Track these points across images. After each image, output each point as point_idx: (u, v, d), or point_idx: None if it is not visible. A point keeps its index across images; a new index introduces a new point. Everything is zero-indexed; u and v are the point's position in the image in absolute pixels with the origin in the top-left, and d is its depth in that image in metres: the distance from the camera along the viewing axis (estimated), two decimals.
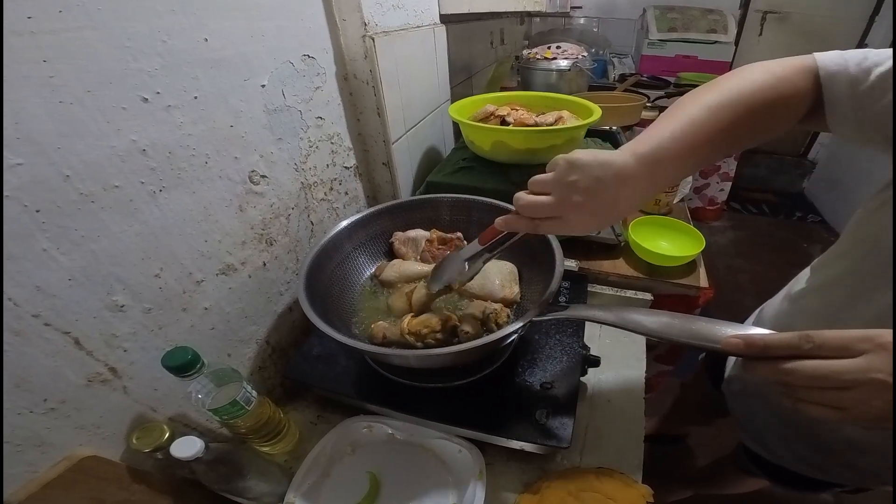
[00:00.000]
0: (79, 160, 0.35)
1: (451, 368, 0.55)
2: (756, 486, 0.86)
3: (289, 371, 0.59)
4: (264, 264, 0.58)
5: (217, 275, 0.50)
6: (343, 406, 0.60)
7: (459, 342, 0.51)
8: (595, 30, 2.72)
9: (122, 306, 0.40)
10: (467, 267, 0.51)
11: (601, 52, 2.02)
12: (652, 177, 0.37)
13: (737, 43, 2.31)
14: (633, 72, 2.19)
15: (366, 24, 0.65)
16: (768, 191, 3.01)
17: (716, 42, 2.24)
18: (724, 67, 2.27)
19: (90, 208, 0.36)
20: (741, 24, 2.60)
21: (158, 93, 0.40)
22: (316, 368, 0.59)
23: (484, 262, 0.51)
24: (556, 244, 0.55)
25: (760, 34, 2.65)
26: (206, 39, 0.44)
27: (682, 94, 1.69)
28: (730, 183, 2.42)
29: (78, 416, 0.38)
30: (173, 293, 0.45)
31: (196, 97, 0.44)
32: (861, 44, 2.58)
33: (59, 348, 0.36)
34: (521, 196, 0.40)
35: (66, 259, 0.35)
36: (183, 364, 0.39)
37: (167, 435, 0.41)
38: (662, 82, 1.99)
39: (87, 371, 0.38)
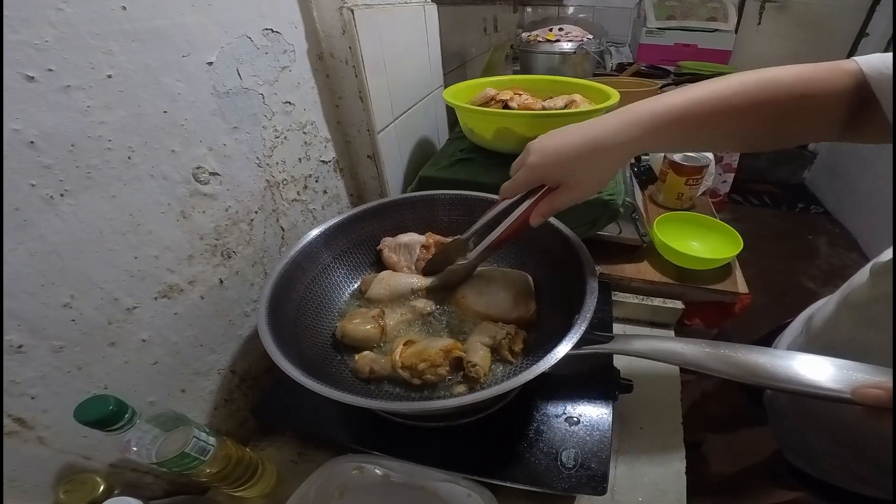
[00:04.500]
0: None
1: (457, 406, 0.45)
2: (788, 497, 0.81)
3: (258, 408, 0.50)
4: (221, 282, 0.47)
5: (156, 298, 0.41)
6: (328, 442, 0.51)
7: (466, 378, 0.41)
8: (590, 19, 2.64)
9: (19, 346, 0.32)
10: (471, 248, 0.47)
11: (598, 40, 1.94)
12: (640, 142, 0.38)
13: (735, 32, 2.25)
14: (631, 61, 2.11)
15: None
16: (769, 182, 2.95)
17: (716, 30, 2.18)
18: (724, 56, 2.22)
19: None
20: (739, 13, 2.53)
21: (51, 70, 0.30)
22: (292, 403, 0.49)
23: (491, 247, 0.46)
24: (581, 246, 0.45)
25: (759, 23, 2.59)
26: (125, 8, 0.35)
27: (687, 81, 1.65)
28: (733, 174, 2.34)
29: None
30: (93, 325, 0.36)
31: (110, 76, 0.34)
32: (861, 34, 2.52)
33: None
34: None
35: None
36: (103, 418, 0.31)
37: (101, 488, 0.37)
38: (662, 71, 1.92)
39: None
